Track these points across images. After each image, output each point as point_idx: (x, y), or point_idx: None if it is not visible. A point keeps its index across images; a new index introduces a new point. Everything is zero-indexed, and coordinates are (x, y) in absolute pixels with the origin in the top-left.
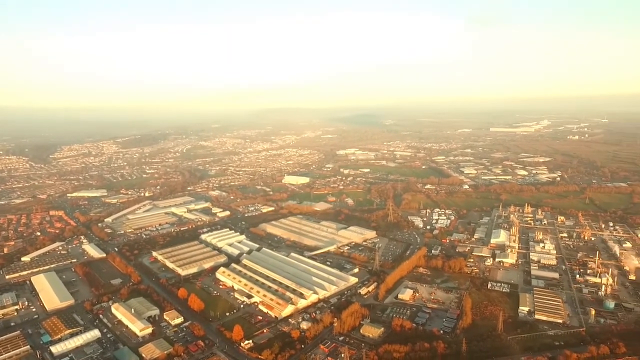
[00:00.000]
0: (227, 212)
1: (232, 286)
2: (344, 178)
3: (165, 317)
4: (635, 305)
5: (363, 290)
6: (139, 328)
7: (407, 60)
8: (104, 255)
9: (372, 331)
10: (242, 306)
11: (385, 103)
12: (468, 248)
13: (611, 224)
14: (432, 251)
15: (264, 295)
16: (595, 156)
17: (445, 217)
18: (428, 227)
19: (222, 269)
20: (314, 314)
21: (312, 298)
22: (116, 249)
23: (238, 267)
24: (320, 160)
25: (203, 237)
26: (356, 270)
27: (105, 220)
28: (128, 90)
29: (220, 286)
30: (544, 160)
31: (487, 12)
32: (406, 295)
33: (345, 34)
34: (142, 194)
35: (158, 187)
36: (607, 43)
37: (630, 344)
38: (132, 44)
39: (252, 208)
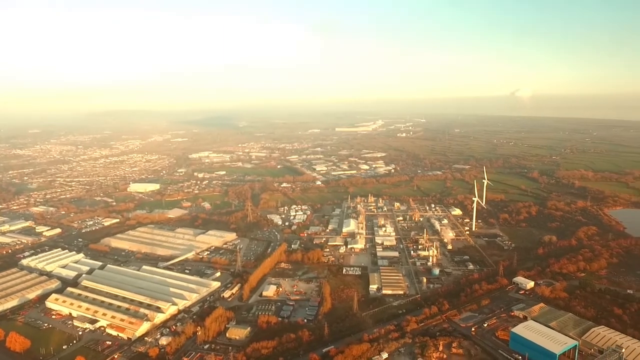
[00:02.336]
0: (58, 230)
1: (70, 314)
2: (198, 182)
3: None
4: (453, 269)
5: (227, 294)
6: None
7: (256, 64)
8: None
9: (238, 333)
10: (82, 334)
11: (237, 105)
12: (324, 239)
13: (433, 205)
14: (292, 246)
15: (112, 317)
16: (418, 150)
17: (302, 213)
18: (287, 223)
19: (54, 295)
20: (174, 327)
21: (172, 310)
22: None
23: (76, 291)
24: (171, 165)
25: (24, 262)
26: (218, 274)
27: None
28: None
29: (53, 316)
30: (380, 155)
31: (328, 21)
32: (270, 291)
33: (188, 34)
34: None
35: None
36: (423, 58)
37: (451, 301)
38: None
39: (91, 222)
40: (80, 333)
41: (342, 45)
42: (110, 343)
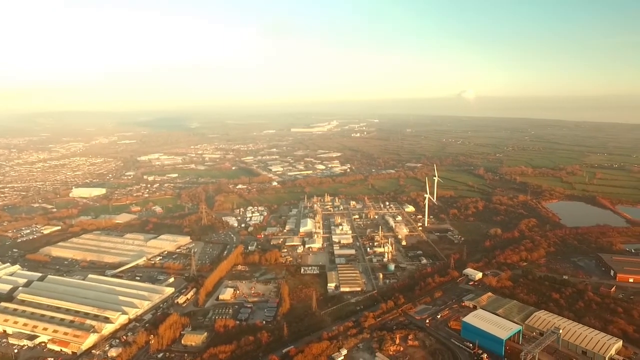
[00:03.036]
0: None
1: (4, 331)
2: (148, 185)
3: None
4: (408, 264)
5: (181, 299)
6: None
7: (208, 64)
8: None
9: (194, 339)
10: (18, 352)
11: (189, 106)
12: (281, 240)
13: (387, 203)
14: (249, 247)
15: (55, 331)
16: (372, 150)
17: (258, 214)
18: (243, 225)
19: None
20: (124, 337)
21: (122, 320)
22: None
23: (11, 306)
24: (119, 169)
25: None
26: (171, 279)
27: None
28: None
29: None
30: (336, 155)
31: (282, 23)
32: (227, 294)
33: (137, 32)
34: None
35: None
36: (376, 60)
37: (406, 295)
38: None
39: (28, 231)
40: (16, 351)
41: (296, 46)
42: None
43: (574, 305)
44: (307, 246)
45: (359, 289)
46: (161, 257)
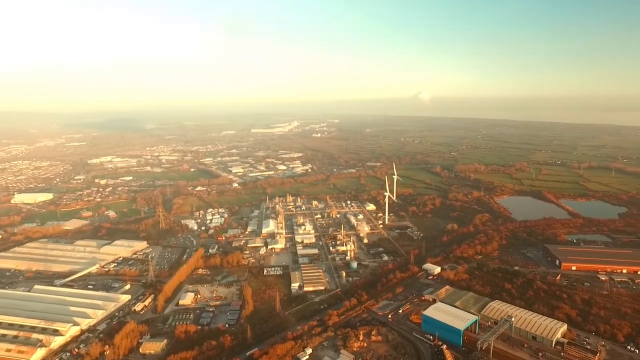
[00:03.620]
0: None
1: None
2: (101, 189)
3: None
4: (370, 262)
5: (138, 306)
6: None
7: (164, 63)
8: None
9: (153, 347)
10: None
11: (144, 107)
12: (243, 241)
13: (349, 202)
14: (210, 250)
15: None
16: (333, 149)
17: (219, 216)
18: (203, 228)
19: None
20: (75, 350)
21: (73, 331)
22: None
23: None
24: (67, 172)
25: None
26: (128, 287)
27: None
28: None
29: None
30: (297, 155)
31: (241, 23)
32: (187, 299)
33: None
34: None
35: None
36: (336, 61)
37: (369, 292)
38: None
39: None
40: None
41: (255, 46)
42: None
43: (524, 294)
44: (269, 247)
45: (322, 287)
46: (116, 264)
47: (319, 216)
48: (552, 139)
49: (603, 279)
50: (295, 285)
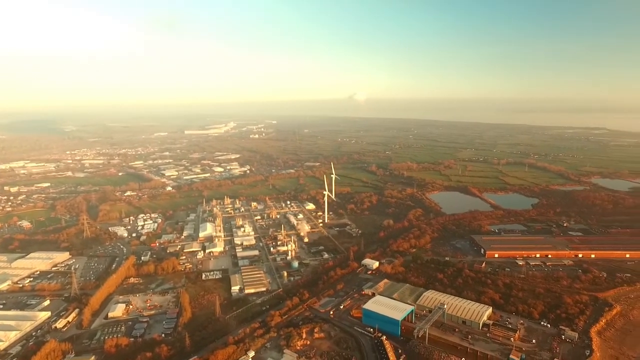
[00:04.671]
0: None
1: None
2: (11, 197)
3: None
4: (311, 260)
5: (60, 323)
6: None
7: (84, 57)
8: None
9: None
10: None
11: (61, 107)
12: (179, 247)
13: (288, 202)
14: (142, 258)
15: None
16: (271, 150)
17: (151, 221)
18: (134, 234)
19: None
20: None
21: None
22: None
23: None
24: None
25: None
26: (47, 302)
27: None
28: None
29: None
30: (235, 157)
31: (172, 19)
32: (118, 311)
33: None
34: None
35: None
36: (271, 62)
37: (311, 290)
38: None
39: None
40: None
41: (189, 45)
42: None
43: (454, 282)
44: (207, 251)
45: (264, 289)
46: (32, 279)
47: (258, 217)
48: (475, 138)
49: (520, 263)
50: (235, 288)
